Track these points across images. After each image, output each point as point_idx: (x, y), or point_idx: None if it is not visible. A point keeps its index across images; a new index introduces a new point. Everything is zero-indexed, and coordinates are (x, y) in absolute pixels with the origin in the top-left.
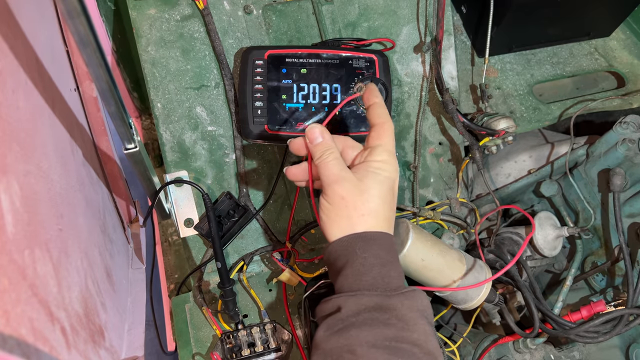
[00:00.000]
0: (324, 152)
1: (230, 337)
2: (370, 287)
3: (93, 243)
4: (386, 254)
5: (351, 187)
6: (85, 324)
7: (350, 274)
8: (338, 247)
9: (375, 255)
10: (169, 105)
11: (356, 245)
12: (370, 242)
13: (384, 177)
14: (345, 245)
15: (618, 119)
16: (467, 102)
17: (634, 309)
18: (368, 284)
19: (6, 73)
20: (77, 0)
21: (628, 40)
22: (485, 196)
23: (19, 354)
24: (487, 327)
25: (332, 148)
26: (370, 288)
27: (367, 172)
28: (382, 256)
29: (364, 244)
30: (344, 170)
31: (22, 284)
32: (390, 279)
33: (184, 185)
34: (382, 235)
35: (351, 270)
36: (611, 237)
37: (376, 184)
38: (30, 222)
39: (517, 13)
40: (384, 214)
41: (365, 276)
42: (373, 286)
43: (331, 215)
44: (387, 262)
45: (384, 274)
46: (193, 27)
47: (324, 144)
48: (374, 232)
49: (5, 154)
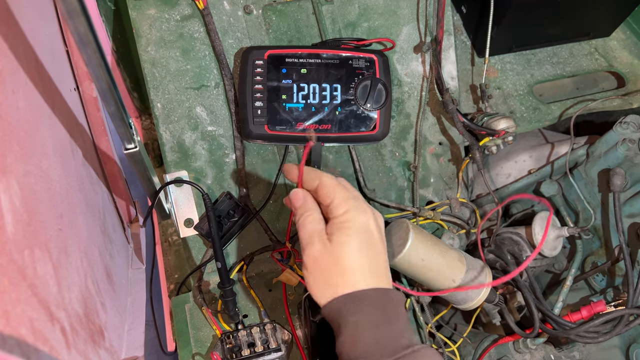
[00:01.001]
0: (302, 214)
1: (230, 337)
2: (365, 354)
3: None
4: (380, 313)
5: (321, 247)
6: (85, 324)
7: (345, 341)
8: (329, 310)
9: (366, 316)
10: (169, 105)
11: (344, 308)
12: (359, 302)
13: (351, 229)
14: (336, 309)
15: (618, 119)
16: (467, 102)
17: (634, 309)
18: (362, 351)
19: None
20: (77, 0)
21: (628, 40)
22: (486, 196)
23: (18, 354)
24: (487, 327)
25: (310, 210)
26: (366, 356)
27: (335, 229)
28: (375, 316)
29: (353, 305)
30: (318, 231)
31: (22, 284)
32: (386, 341)
33: (184, 185)
34: (374, 292)
35: (344, 337)
36: (611, 237)
37: (346, 239)
38: (30, 222)
39: (517, 13)
40: (366, 267)
41: (358, 343)
42: (367, 354)
43: (310, 281)
44: (382, 321)
45: (378, 337)
46: (193, 27)
47: (303, 206)
48: (364, 291)
49: (5, 154)
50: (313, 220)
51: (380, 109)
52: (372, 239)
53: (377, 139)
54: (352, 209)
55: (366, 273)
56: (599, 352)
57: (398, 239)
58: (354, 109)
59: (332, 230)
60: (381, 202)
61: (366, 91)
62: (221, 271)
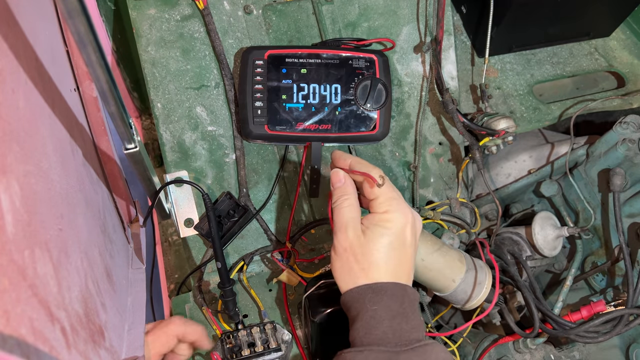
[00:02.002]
0: (340, 196)
1: (230, 337)
2: (379, 341)
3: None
4: (398, 306)
5: (354, 238)
6: (85, 324)
7: (361, 328)
8: (349, 298)
9: (385, 307)
10: (169, 105)
11: (366, 297)
12: (380, 293)
13: (387, 229)
14: (356, 297)
15: (618, 119)
16: (467, 102)
17: (634, 309)
18: (377, 338)
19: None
20: (77, 0)
21: (628, 40)
22: (485, 196)
23: (18, 354)
24: (487, 327)
25: (349, 194)
26: (380, 343)
27: (372, 224)
28: (394, 308)
29: (374, 295)
30: (353, 219)
31: (22, 284)
32: (402, 332)
33: (184, 185)
34: (394, 285)
35: (361, 323)
36: (611, 237)
37: (379, 237)
38: (30, 222)
39: (517, 13)
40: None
41: (375, 330)
42: (383, 341)
43: (336, 266)
44: (399, 314)
45: (395, 327)
46: (193, 27)
47: (342, 188)
48: (385, 283)
49: (5, 154)
50: (350, 205)
51: (380, 109)
52: (405, 242)
53: (377, 139)
54: (394, 210)
55: (390, 271)
56: (599, 352)
57: None
58: (354, 109)
59: (369, 224)
60: None
61: (366, 91)
62: (221, 271)
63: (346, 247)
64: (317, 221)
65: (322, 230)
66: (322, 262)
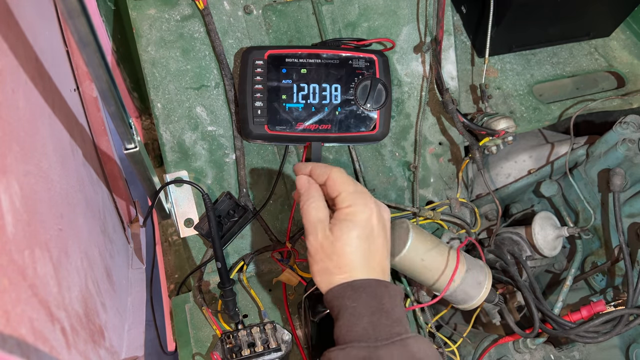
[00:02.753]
0: (305, 200)
1: (230, 337)
2: (360, 337)
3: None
4: (377, 302)
5: (324, 238)
6: (85, 324)
7: (342, 325)
8: (330, 297)
9: (365, 304)
10: (169, 105)
11: (345, 295)
12: (359, 290)
13: (352, 222)
14: (337, 296)
15: (618, 119)
16: (467, 102)
17: (634, 309)
18: (358, 335)
19: (6, 73)
20: (77, 0)
21: (628, 41)
22: (485, 196)
23: (19, 354)
24: (487, 327)
25: (313, 197)
26: (361, 339)
27: (338, 221)
28: (373, 304)
29: (353, 292)
30: (320, 221)
31: (22, 284)
32: (382, 327)
33: (184, 185)
34: (373, 282)
35: (343, 321)
36: (611, 237)
37: (346, 232)
38: (30, 222)
39: (517, 13)
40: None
41: (355, 327)
42: (363, 337)
43: (314, 269)
44: (378, 309)
45: (375, 322)
46: (193, 27)
47: (307, 192)
48: (364, 280)
49: (5, 154)
50: (316, 208)
51: (380, 109)
52: (372, 232)
53: (377, 139)
54: (356, 204)
55: (363, 265)
56: (599, 352)
57: (398, 238)
58: (354, 109)
59: (336, 221)
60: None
61: (366, 91)
62: (221, 271)
63: (317, 247)
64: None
65: None
66: None
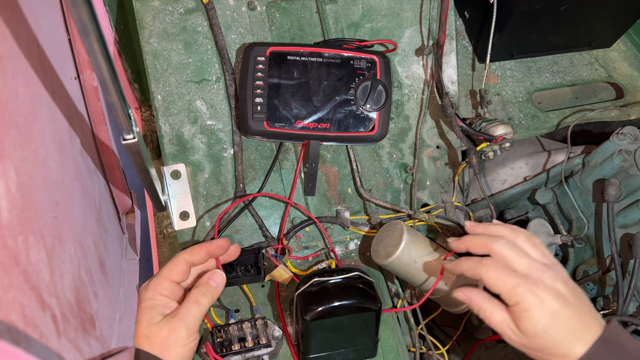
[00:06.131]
0: (479, 308)
1: (221, 331)
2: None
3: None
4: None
5: (517, 338)
6: (76, 312)
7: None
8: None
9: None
10: (169, 98)
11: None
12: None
13: (535, 316)
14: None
15: (615, 129)
16: (466, 107)
17: (624, 318)
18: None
19: (7, 59)
20: None
21: (628, 52)
22: (481, 201)
23: (8, 339)
24: (477, 330)
25: (484, 305)
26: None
27: (517, 320)
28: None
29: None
30: (505, 323)
31: (14, 270)
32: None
33: (181, 178)
34: (596, 348)
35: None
36: (603, 246)
37: (533, 326)
38: (25, 209)
39: (519, 20)
40: (569, 333)
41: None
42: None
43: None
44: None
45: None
46: (196, 20)
47: (473, 304)
48: (587, 354)
49: (3, 140)
50: (492, 313)
51: (379, 110)
52: (559, 304)
53: (375, 139)
54: (523, 300)
55: (574, 336)
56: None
57: (392, 240)
58: (354, 109)
59: (516, 320)
60: (377, 202)
61: (366, 92)
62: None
63: (519, 345)
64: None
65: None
66: (316, 259)
